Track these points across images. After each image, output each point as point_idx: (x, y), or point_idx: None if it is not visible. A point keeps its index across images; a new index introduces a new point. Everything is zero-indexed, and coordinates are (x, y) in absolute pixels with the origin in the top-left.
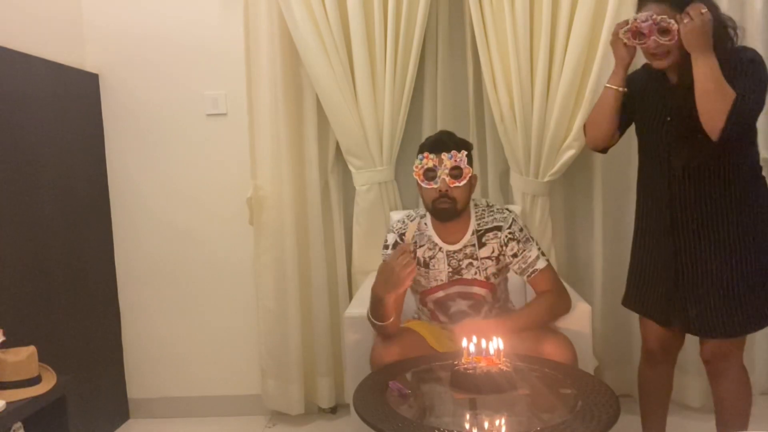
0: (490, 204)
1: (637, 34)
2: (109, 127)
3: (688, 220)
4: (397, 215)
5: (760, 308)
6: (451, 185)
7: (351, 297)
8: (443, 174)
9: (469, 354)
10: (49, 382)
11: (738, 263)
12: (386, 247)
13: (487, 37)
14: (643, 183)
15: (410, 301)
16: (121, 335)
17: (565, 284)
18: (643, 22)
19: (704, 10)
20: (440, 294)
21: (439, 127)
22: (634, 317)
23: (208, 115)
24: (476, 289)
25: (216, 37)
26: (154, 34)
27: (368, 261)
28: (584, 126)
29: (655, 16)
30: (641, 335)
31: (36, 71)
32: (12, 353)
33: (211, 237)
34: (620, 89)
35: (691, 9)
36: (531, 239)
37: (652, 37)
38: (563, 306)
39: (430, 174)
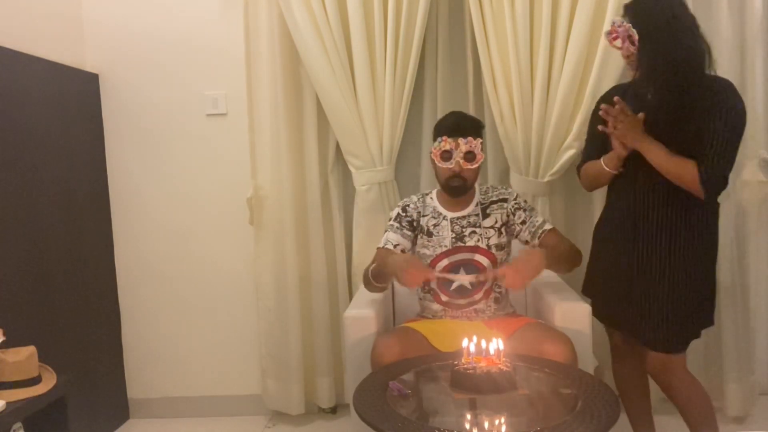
0: (494, 186)
1: (616, 38)
2: (109, 127)
3: (649, 229)
4: (395, 213)
5: (699, 322)
6: (465, 167)
7: (351, 297)
8: (458, 157)
9: (469, 354)
10: (49, 382)
11: (690, 276)
12: (389, 219)
13: (487, 37)
14: (610, 194)
15: (410, 302)
16: (121, 335)
17: (565, 284)
18: (618, 27)
19: (628, 111)
20: (444, 262)
21: None
22: None
23: (208, 115)
24: (479, 258)
25: (216, 37)
26: (154, 34)
27: (368, 261)
28: (578, 173)
29: (625, 24)
30: (606, 332)
31: (36, 71)
32: (12, 353)
33: (211, 237)
34: (615, 172)
35: (617, 112)
36: (535, 209)
37: (625, 44)
38: (578, 253)
39: (446, 155)
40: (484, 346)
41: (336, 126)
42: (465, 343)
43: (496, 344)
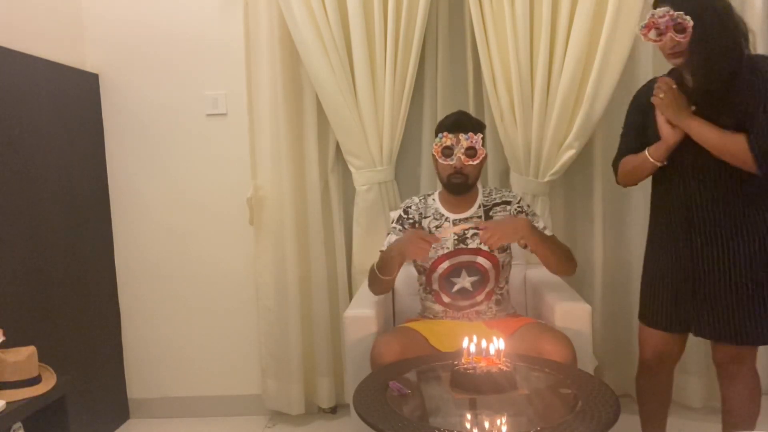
0: (496, 188)
1: (654, 30)
2: (109, 127)
3: (704, 222)
4: (397, 215)
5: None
6: (466, 163)
7: (351, 297)
8: (459, 153)
9: (469, 354)
10: (49, 382)
11: (756, 267)
12: (392, 221)
13: (487, 37)
14: (658, 189)
15: (410, 302)
16: (121, 335)
17: (565, 284)
18: (660, 17)
19: (674, 85)
20: (446, 264)
21: None
22: (634, 317)
23: (208, 115)
24: (481, 260)
25: (216, 37)
26: (154, 34)
27: (368, 261)
28: (614, 169)
29: (672, 12)
30: (639, 345)
31: (36, 71)
32: (12, 353)
33: (211, 237)
34: (660, 164)
35: (662, 83)
36: (537, 214)
37: (668, 34)
38: (573, 259)
39: (447, 151)
40: (484, 346)
41: (336, 126)
42: (465, 343)
43: (496, 344)
